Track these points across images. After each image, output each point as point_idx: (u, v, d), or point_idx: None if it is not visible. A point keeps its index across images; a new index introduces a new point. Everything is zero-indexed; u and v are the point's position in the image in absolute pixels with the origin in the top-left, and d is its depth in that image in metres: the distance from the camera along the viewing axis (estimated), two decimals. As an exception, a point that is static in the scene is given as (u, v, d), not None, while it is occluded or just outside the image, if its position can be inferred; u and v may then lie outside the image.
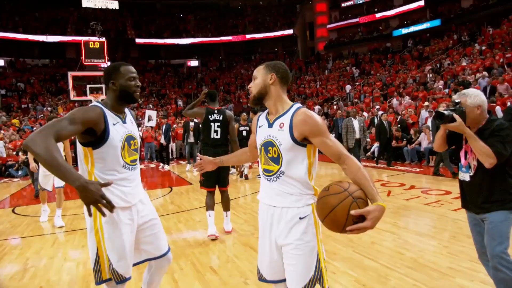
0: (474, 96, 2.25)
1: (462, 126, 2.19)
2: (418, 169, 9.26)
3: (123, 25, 32.41)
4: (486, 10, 22.80)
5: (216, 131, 4.44)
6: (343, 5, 31.96)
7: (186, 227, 5.08)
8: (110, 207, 1.53)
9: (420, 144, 10.18)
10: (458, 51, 19.95)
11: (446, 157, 7.77)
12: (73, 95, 15.62)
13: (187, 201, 6.80)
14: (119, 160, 2.01)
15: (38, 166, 5.59)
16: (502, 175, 2.24)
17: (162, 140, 12.15)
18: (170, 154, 15.08)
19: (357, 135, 7.95)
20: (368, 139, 10.32)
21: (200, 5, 35.63)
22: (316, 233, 1.76)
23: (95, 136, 1.90)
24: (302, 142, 1.71)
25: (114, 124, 1.99)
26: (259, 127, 1.91)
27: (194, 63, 34.00)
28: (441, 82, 16.05)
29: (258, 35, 33.54)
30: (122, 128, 2.04)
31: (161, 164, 12.61)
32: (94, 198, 1.50)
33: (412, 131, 10.67)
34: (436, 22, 25.56)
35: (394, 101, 16.19)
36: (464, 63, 17.27)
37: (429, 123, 10.57)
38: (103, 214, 1.55)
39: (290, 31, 33.27)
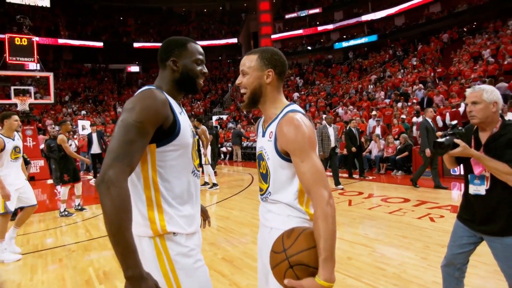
0: (491, 92, 1.99)
1: (467, 149, 1.96)
2: (370, 177, 9.36)
3: (55, 25, 29.86)
4: (417, 29, 24.75)
5: None
6: (287, 16, 32.72)
7: (136, 249, 4.39)
8: None
9: (370, 152, 10.38)
10: (394, 65, 21.27)
11: (435, 167, 7.50)
12: (-7, 99, 13.73)
13: (134, 217, 6.05)
14: (190, 163, 1.43)
15: None
16: None
17: (95, 150, 10.54)
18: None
19: (332, 144, 7.71)
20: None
21: (142, 8, 34.22)
22: None
23: (160, 128, 1.30)
24: (289, 157, 1.35)
25: (180, 114, 1.40)
26: (258, 135, 1.59)
27: (134, 68, 32.37)
28: (382, 93, 16.88)
29: (202, 42, 32.94)
30: (187, 120, 1.46)
31: (92, 178, 10.91)
32: None
33: (362, 139, 10.86)
34: (373, 37, 27.18)
35: (340, 110, 16.64)
36: (399, 76, 18.42)
37: (378, 131, 10.87)
38: None
39: (235, 40, 33.22)
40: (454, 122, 2.12)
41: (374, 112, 12.60)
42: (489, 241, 2.05)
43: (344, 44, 28.75)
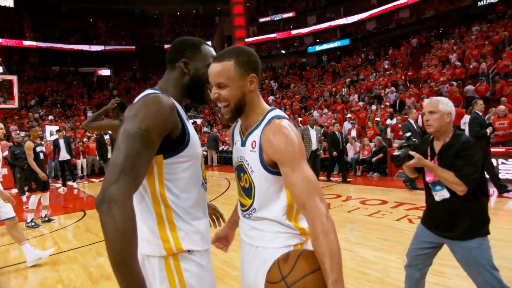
0: (446, 103, 2.16)
1: (421, 160, 2.11)
2: (348, 179, 9.39)
3: (20, 26, 28.59)
4: (387, 33, 25.45)
5: None
6: (260, 20, 32.84)
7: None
8: None
9: (346, 154, 10.47)
10: (366, 68, 21.74)
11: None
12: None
13: (107, 227, 5.74)
14: (200, 175, 1.28)
15: None
16: (475, 194, 2.06)
17: (64, 156, 9.94)
18: (80, 172, 13.39)
19: (314, 146, 7.61)
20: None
21: (113, 11, 33.36)
22: None
23: (168, 137, 1.15)
24: (276, 170, 1.23)
25: (188, 121, 1.25)
26: (235, 143, 1.42)
27: (105, 72, 31.48)
28: (356, 95, 17.18)
29: (176, 45, 32.48)
30: (193, 128, 1.31)
31: (61, 187, 10.31)
32: None
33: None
34: (346, 41, 27.72)
35: (315, 113, 16.77)
36: (372, 79, 18.83)
37: (353, 134, 10.99)
38: None
39: (209, 43, 32.89)
40: (408, 134, 2.30)
41: (349, 115, 12.76)
42: (450, 245, 2.17)
43: (318, 48, 29.18)
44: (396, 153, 2.14)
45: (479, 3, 20.85)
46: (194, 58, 1.29)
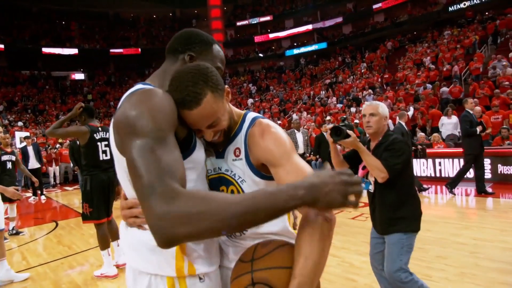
0: (384, 107, 2.37)
1: (356, 141, 2.24)
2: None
3: (-14, 28, 27.37)
4: (364, 37, 25.91)
5: (104, 151, 3.74)
6: (238, 24, 32.78)
7: (83, 276, 3.88)
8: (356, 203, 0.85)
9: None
10: (344, 71, 22.03)
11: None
12: None
13: (80, 239, 5.45)
14: (206, 183, 1.16)
15: None
16: (397, 191, 2.27)
17: (33, 164, 9.35)
18: (53, 180, 12.85)
19: (301, 150, 7.40)
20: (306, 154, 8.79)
21: (86, 13, 32.46)
22: None
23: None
24: (268, 174, 1.09)
25: None
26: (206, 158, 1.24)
27: (79, 76, 30.56)
28: (334, 98, 17.33)
29: (152, 49, 31.98)
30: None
31: (32, 196, 9.75)
32: (342, 193, 0.81)
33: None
34: (323, 45, 28.04)
35: (294, 116, 16.78)
36: (349, 82, 19.08)
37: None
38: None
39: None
40: (344, 117, 2.57)
41: (328, 118, 12.80)
42: (384, 239, 2.38)
43: (295, 51, 29.35)
44: (340, 126, 2.22)
45: (450, 8, 21.53)
46: (202, 55, 1.14)
